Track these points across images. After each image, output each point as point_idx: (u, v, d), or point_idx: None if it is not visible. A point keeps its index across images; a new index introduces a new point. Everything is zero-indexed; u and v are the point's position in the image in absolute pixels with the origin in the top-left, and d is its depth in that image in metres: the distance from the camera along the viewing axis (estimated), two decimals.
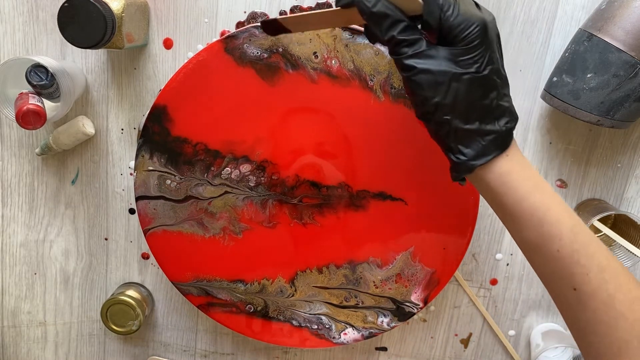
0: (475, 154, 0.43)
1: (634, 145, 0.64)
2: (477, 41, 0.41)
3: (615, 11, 0.54)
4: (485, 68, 0.42)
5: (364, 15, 0.42)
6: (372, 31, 0.43)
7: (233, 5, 0.63)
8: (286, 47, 0.57)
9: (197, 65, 0.58)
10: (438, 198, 0.61)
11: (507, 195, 0.44)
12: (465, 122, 0.43)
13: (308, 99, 0.59)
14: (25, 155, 0.68)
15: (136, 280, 0.72)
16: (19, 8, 0.64)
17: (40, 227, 0.71)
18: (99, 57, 0.65)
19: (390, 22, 0.42)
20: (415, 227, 0.62)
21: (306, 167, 0.61)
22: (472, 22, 0.41)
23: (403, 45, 0.42)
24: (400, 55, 0.42)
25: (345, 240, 0.63)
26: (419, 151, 0.60)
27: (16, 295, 0.73)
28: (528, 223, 0.44)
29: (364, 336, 0.66)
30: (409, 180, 0.61)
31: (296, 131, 0.60)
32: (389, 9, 0.42)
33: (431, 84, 0.42)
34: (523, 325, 0.71)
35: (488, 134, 0.43)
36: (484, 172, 0.44)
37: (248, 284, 0.64)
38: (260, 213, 0.62)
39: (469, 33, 0.41)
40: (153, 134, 0.60)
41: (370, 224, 0.62)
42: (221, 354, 0.74)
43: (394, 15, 0.42)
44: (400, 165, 0.60)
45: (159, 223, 0.63)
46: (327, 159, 0.60)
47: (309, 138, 0.60)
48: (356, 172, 0.61)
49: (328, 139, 0.60)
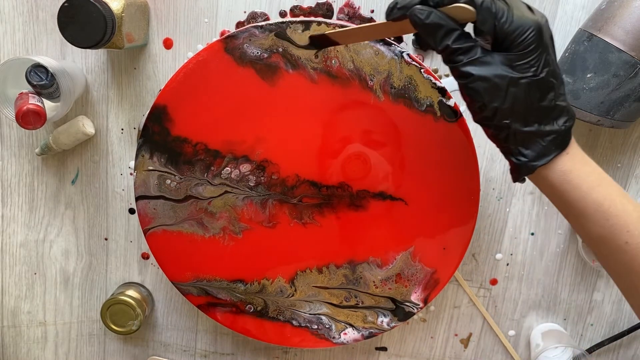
0: (536, 154, 0.44)
1: (633, 145, 0.64)
2: (533, 45, 0.41)
3: (615, 11, 0.54)
4: (542, 71, 0.42)
5: (418, 27, 0.42)
6: (424, 40, 0.43)
7: (233, 5, 0.63)
8: (286, 48, 0.57)
9: (197, 65, 0.58)
10: (438, 198, 0.61)
11: (571, 192, 0.44)
12: (525, 124, 0.43)
13: (308, 99, 0.59)
14: (25, 155, 0.68)
15: (136, 280, 0.72)
16: (19, 8, 0.64)
17: (40, 227, 0.71)
18: (99, 57, 0.65)
19: (444, 32, 0.42)
20: (415, 227, 0.62)
21: (306, 167, 0.61)
22: (527, 27, 0.41)
23: (458, 54, 0.42)
24: (456, 64, 0.42)
25: (345, 240, 0.63)
26: (419, 151, 0.60)
27: (16, 295, 0.73)
28: (593, 218, 0.44)
29: (364, 336, 0.66)
30: (409, 180, 0.61)
31: (296, 131, 0.60)
32: (442, 19, 0.42)
33: (489, 90, 0.42)
34: (523, 325, 0.71)
35: (548, 134, 0.43)
36: (545, 172, 0.44)
37: (248, 284, 0.64)
38: (260, 213, 0.62)
39: (525, 38, 0.41)
40: (153, 134, 0.60)
41: (370, 223, 0.62)
42: (221, 354, 0.74)
43: (447, 25, 0.42)
44: (400, 165, 0.60)
45: (158, 223, 0.63)
46: (327, 159, 0.60)
47: (309, 138, 0.60)
48: (356, 172, 0.61)
49: (328, 139, 0.60)
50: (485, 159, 0.66)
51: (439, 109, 0.58)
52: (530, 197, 0.66)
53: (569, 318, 0.70)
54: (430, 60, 0.63)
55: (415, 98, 0.58)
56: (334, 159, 0.61)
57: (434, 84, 0.58)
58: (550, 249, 0.68)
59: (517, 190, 0.66)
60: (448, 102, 0.58)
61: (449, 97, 0.58)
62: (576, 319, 0.70)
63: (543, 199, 0.66)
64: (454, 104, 0.58)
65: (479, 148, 0.65)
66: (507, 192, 0.66)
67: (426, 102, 0.58)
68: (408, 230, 0.62)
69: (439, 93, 0.58)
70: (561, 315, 0.70)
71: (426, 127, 0.59)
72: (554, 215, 0.67)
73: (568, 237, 0.67)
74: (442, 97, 0.58)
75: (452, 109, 0.58)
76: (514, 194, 0.66)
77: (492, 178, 0.66)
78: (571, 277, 0.69)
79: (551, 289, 0.69)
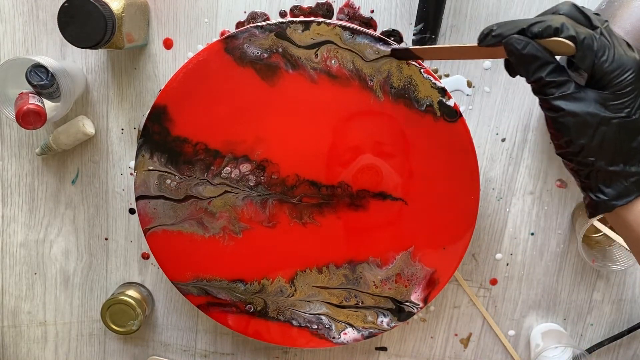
0: (616, 194, 0.43)
1: None
2: (630, 87, 0.41)
3: (615, 11, 0.54)
4: (635, 112, 0.41)
5: (513, 56, 0.42)
6: (514, 68, 0.43)
7: (233, 5, 0.63)
8: (286, 48, 0.57)
9: (197, 65, 0.58)
10: (438, 198, 0.61)
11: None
12: (610, 164, 0.42)
13: (308, 99, 0.59)
14: (25, 155, 0.68)
15: (136, 280, 0.72)
16: (19, 8, 0.64)
17: (40, 227, 0.71)
18: (99, 57, 0.65)
19: (539, 64, 0.41)
20: (415, 226, 0.62)
21: (306, 167, 0.61)
22: (627, 67, 0.40)
23: (551, 87, 0.42)
24: (547, 96, 0.42)
25: (345, 240, 0.63)
26: (418, 151, 0.60)
27: (16, 295, 0.73)
28: None
29: (363, 336, 0.66)
30: (408, 180, 0.61)
31: (296, 131, 0.60)
32: (538, 52, 0.41)
33: (578, 126, 0.41)
34: (523, 325, 0.71)
35: (632, 175, 0.43)
36: (624, 212, 0.44)
37: (248, 284, 0.64)
38: (260, 212, 0.62)
39: (624, 79, 0.40)
40: (153, 134, 0.60)
41: (370, 223, 0.62)
42: (221, 354, 0.74)
43: (544, 58, 0.41)
44: (400, 165, 0.60)
45: (158, 223, 0.63)
46: (326, 158, 0.60)
47: (309, 138, 0.60)
48: (356, 172, 0.61)
49: (328, 139, 0.60)
50: (485, 159, 0.66)
51: (439, 109, 0.58)
52: (530, 197, 0.66)
53: (569, 318, 0.70)
54: (430, 61, 0.63)
55: (415, 98, 0.58)
56: (334, 159, 0.61)
57: (434, 84, 0.58)
58: (550, 249, 0.68)
59: (517, 190, 0.66)
60: (448, 102, 0.58)
61: (448, 97, 0.58)
62: (576, 319, 0.70)
63: (543, 199, 0.66)
64: (454, 104, 0.58)
65: (479, 148, 0.65)
66: (507, 192, 0.66)
67: (426, 102, 0.58)
68: (408, 230, 0.62)
69: (438, 93, 0.58)
70: (561, 315, 0.70)
71: (426, 127, 0.59)
72: (553, 215, 0.67)
73: (568, 237, 0.67)
74: (442, 97, 0.58)
75: (452, 109, 0.58)
76: (514, 194, 0.66)
77: (492, 178, 0.66)
78: (571, 277, 0.69)
79: (551, 289, 0.69)
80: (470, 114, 0.64)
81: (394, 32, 0.62)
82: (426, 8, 0.59)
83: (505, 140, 0.65)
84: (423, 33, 0.60)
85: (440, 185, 0.61)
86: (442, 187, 0.61)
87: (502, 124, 0.64)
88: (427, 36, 0.60)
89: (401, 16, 0.62)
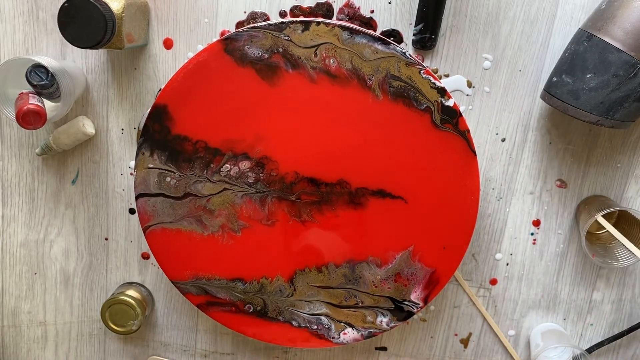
0: None
1: (633, 145, 0.64)
2: None
3: (615, 11, 0.54)
4: None
5: None
6: None
7: (233, 5, 0.63)
8: (286, 48, 0.57)
9: (197, 65, 0.58)
10: (438, 197, 0.61)
11: None
12: None
13: (308, 99, 0.59)
14: (26, 155, 0.68)
15: (136, 280, 0.72)
16: (19, 8, 0.64)
17: (41, 227, 0.71)
18: (99, 57, 0.65)
19: None
20: (415, 225, 0.62)
21: (305, 164, 0.61)
22: None
23: None
24: None
25: (344, 238, 0.63)
26: (418, 150, 0.60)
27: (16, 295, 0.73)
28: None
29: (363, 336, 0.66)
30: (408, 179, 0.61)
31: (296, 129, 0.60)
32: None
33: None
34: (523, 325, 0.71)
35: None
36: None
37: (247, 283, 0.64)
38: (259, 210, 0.62)
39: None
40: (153, 132, 0.60)
41: (369, 222, 0.62)
42: (221, 354, 0.74)
43: None
44: (399, 163, 0.60)
45: (158, 220, 0.63)
46: (325, 156, 0.61)
47: (308, 136, 0.60)
48: (355, 170, 0.61)
49: (327, 137, 0.60)
50: (485, 159, 0.66)
51: (439, 109, 0.58)
52: (530, 197, 0.66)
53: (569, 318, 0.70)
54: (430, 61, 0.63)
55: (414, 97, 0.58)
56: (333, 157, 0.61)
57: (433, 83, 0.58)
58: (550, 249, 0.68)
59: (517, 190, 0.66)
60: (447, 102, 0.58)
61: (448, 97, 0.58)
62: (576, 318, 0.70)
63: (543, 199, 0.66)
64: (454, 104, 0.58)
65: (478, 148, 0.65)
66: (507, 192, 0.66)
67: (425, 102, 0.58)
68: (407, 229, 0.62)
69: (438, 93, 0.58)
70: (561, 315, 0.70)
71: (425, 126, 0.59)
72: (553, 215, 0.67)
73: (568, 237, 0.67)
74: (441, 97, 0.58)
75: (451, 109, 0.58)
76: (514, 194, 0.66)
77: (492, 178, 0.66)
78: (571, 277, 0.69)
79: (551, 289, 0.69)
80: (470, 114, 0.64)
81: (394, 32, 0.62)
82: (426, 8, 0.59)
83: (505, 140, 0.65)
84: (423, 33, 0.60)
85: (440, 184, 0.61)
86: (442, 187, 0.61)
87: (502, 124, 0.64)
88: (427, 36, 0.60)
89: (401, 16, 0.62)
